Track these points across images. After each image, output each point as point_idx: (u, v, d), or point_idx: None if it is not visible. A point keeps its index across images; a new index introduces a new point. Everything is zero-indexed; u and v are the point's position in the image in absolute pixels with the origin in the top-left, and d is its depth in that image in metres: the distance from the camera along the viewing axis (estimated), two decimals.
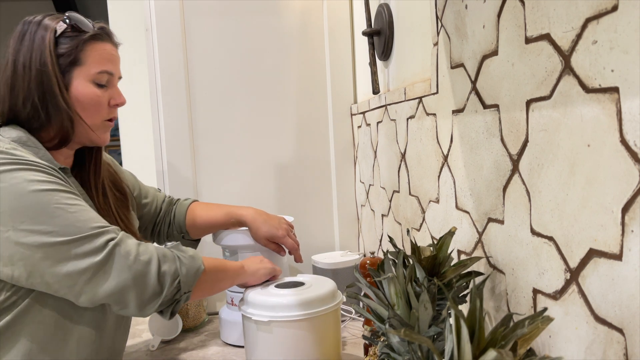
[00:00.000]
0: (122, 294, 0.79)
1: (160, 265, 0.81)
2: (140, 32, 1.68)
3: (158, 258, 0.81)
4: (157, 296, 0.80)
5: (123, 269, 0.78)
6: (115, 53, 0.92)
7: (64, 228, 0.76)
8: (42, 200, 0.76)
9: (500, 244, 0.72)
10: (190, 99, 1.41)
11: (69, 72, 0.86)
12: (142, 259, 0.79)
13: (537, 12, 0.59)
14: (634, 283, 0.47)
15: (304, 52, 1.49)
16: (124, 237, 0.80)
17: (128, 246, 0.79)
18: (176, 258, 0.84)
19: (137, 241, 0.82)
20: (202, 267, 0.86)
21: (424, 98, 0.97)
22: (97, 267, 0.77)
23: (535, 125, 0.61)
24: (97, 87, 0.88)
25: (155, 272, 0.80)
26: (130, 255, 0.79)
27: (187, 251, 0.88)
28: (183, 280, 0.83)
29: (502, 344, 0.48)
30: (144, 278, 0.79)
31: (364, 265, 1.14)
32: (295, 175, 1.50)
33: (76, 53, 0.86)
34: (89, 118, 0.88)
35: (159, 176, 1.42)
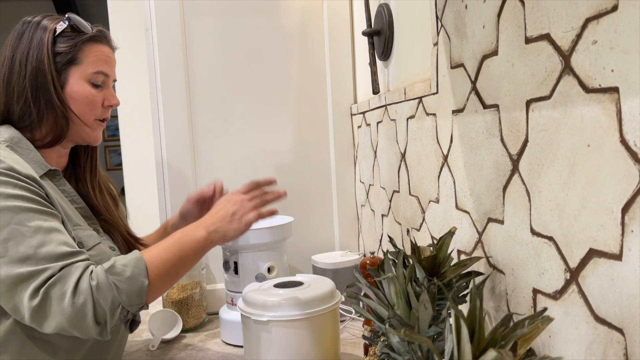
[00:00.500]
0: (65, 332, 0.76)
1: (96, 304, 0.75)
2: (140, 32, 1.68)
3: (93, 297, 0.75)
4: (102, 330, 0.77)
5: (57, 314, 0.74)
6: (111, 56, 0.94)
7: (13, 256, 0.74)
8: (8, 220, 0.75)
9: (500, 244, 0.72)
10: (190, 99, 1.41)
11: (66, 71, 0.87)
12: (76, 301, 0.74)
13: (537, 12, 0.59)
14: (634, 283, 0.47)
15: (304, 52, 1.49)
16: (63, 275, 0.75)
17: (64, 285, 0.74)
18: (112, 286, 0.77)
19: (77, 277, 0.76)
20: (144, 284, 0.79)
21: (424, 98, 0.97)
22: (35, 312, 0.74)
23: (535, 125, 0.61)
24: (92, 87, 0.90)
25: (92, 312, 0.75)
26: (65, 297, 0.74)
27: (124, 270, 0.79)
28: (127, 305, 0.78)
29: (502, 344, 0.48)
30: (80, 321, 0.75)
31: (364, 265, 1.14)
32: (295, 175, 1.50)
33: (74, 52, 0.87)
34: (83, 116, 0.90)
35: (159, 176, 1.42)
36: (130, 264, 0.80)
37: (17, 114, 0.86)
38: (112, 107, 0.94)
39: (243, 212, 0.88)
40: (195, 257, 0.86)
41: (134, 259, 0.81)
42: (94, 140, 0.94)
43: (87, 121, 0.90)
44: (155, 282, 0.81)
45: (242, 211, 0.88)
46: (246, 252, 1.18)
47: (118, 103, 0.94)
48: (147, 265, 0.80)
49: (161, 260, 0.82)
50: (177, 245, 0.85)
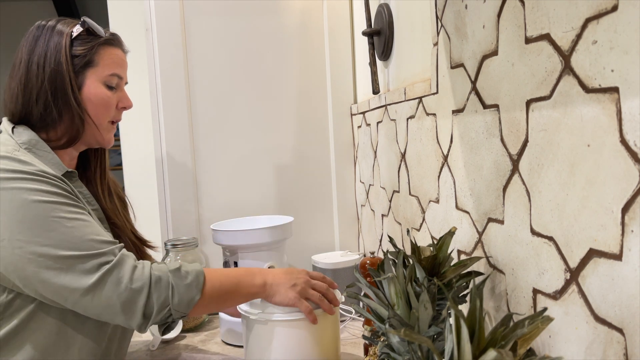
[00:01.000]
0: (110, 316, 0.79)
1: (150, 295, 0.79)
2: (140, 32, 1.68)
3: (150, 286, 0.79)
4: (144, 322, 0.80)
5: (112, 296, 0.77)
6: (124, 59, 0.96)
7: (58, 243, 0.76)
8: (40, 212, 0.76)
9: (500, 244, 0.72)
10: (190, 99, 1.41)
11: (83, 73, 0.89)
12: (133, 287, 0.78)
13: (537, 12, 0.59)
14: (634, 283, 0.47)
15: (304, 52, 1.49)
16: (120, 260, 0.79)
17: (121, 272, 0.78)
18: (170, 286, 0.81)
19: (134, 264, 0.80)
20: (196, 297, 0.83)
21: (424, 98, 0.97)
22: (87, 290, 0.76)
23: (535, 125, 0.61)
24: (108, 88, 0.92)
25: (144, 301, 0.79)
26: (122, 282, 0.78)
27: (186, 277, 0.83)
28: (174, 309, 0.81)
29: (502, 344, 0.48)
30: (131, 306, 0.78)
31: (364, 265, 1.14)
32: (295, 175, 1.50)
33: (91, 55, 0.89)
34: (97, 118, 0.91)
35: (159, 177, 1.42)
36: (192, 274, 0.84)
37: (36, 115, 0.87)
38: (126, 109, 0.96)
39: (300, 293, 0.89)
40: (244, 298, 0.90)
41: (196, 270, 0.85)
42: (107, 142, 0.95)
43: (102, 123, 0.92)
44: (205, 300, 0.84)
45: (300, 292, 0.89)
46: (246, 252, 1.17)
47: (131, 105, 0.96)
48: (205, 282, 0.84)
49: (219, 284, 0.86)
50: (236, 279, 0.89)
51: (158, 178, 1.41)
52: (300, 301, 0.88)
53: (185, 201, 1.42)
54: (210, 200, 1.44)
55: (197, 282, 0.84)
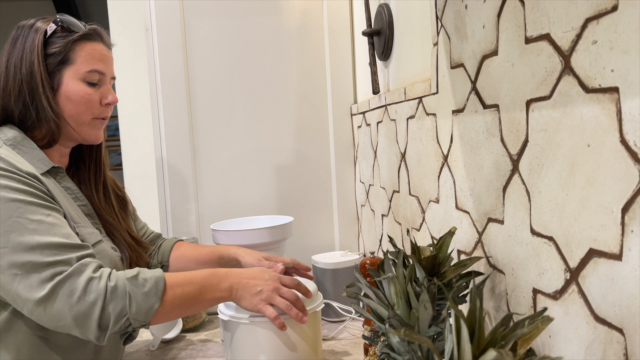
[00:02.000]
0: (64, 329, 0.77)
1: (105, 306, 0.76)
2: (140, 32, 1.68)
3: (105, 298, 0.75)
4: (100, 334, 0.77)
5: (63, 309, 0.74)
6: (106, 53, 0.92)
7: (16, 246, 0.74)
8: (3, 211, 0.75)
9: (500, 244, 0.72)
10: (190, 99, 1.41)
11: (60, 71, 0.87)
12: (86, 299, 0.75)
13: (537, 12, 0.59)
14: (634, 283, 0.47)
15: (304, 52, 1.49)
16: (76, 270, 0.75)
17: (75, 283, 0.75)
18: (127, 295, 0.77)
19: (90, 275, 0.76)
20: (155, 305, 0.79)
21: (424, 98, 0.97)
22: (39, 302, 0.74)
23: (535, 125, 0.61)
24: (88, 85, 0.89)
25: (98, 314, 0.75)
26: (74, 294, 0.74)
27: (144, 284, 0.79)
28: (133, 318, 0.78)
29: (502, 344, 0.48)
30: (85, 319, 0.75)
31: (364, 265, 1.14)
32: (295, 175, 1.50)
33: (66, 52, 0.87)
34: (79, 116, 0.89)
35: (159, 177, 1.42)
36: (151, 281, 0.80)
37: (17, 116, 0.87)
38: (110, 104, 0.93)
39: (267, 298, 0.86)
40: (209, 304, 0.87)
41: (155, 277, 0.81)
42: (94, 139, 0.93)
43: (84, 120, 0.90)
44: (165, 308, 0.81)
45: (267, 298, 0.86)
46: None
47: (116, 100, 0.93)
48: (165, 289, 0.81)
49: (180, 291, 0.83)
50: (200, 285, 0.85)
51: (158, 178, 1.41)
52: (265, 307, 0.86)
53: (185, 201, 1.42)
54: (211, 200, 1.44)
55: (156, 290, 0.80)
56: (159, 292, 0.80)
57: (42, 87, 0.85)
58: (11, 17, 4.30)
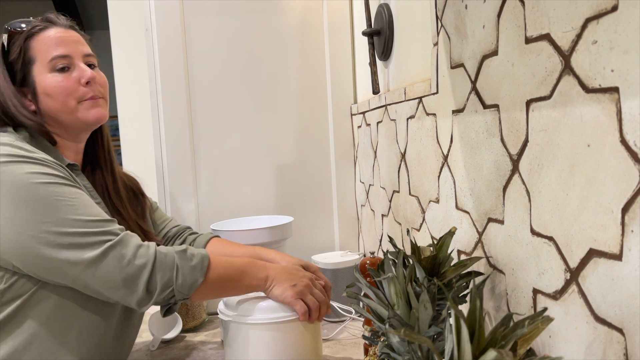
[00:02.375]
0: (112, 292, 0.79)
1: (153, 273, 0.79)
2: (140, 33, 1.68)
3: (153, 264, 0.80)
4: (145, 300, 0.80)
5: (114, 271, 0.77)
6: (63, 34, 0.90)
7: (61, 219, 0.77)
8: (42, 192, 0.77)
9: (500, 244, 0.72)
10: (190, 99, 1.41)
11: (29, 73, 0.88)
12: (136, 262, 0.78)
13: (537, 12, 0.59)
14: (634, 283, 0.47)
15: (304, 52, 1.49)
16: (124, 238, 0.79)
17: (125, 248, 0.78)
18: (175, 267, 0.81)
19: (139, 243, 0.81)
20: (199, 280, 0.83)
21: (424, 98, 0.97)
22: (89, 263, 0.77)
23: (535, 125, 0.61)
24: (60, 73, 0.88)
25: (146, 279, 0.79)
26: (125, 258, 0.78)
27: (192, 259, 0.83)
28: (177, 290, 0.81)
29: (502, 344, 0.48)
30: (133, 282, 0.78)
31: (364, 265, 1.14)
32: (295, 175, 1.50)
33: (24, 53, 0.87)
34: (64, 106, 0.88)
35: (159, 176, 1.42)
36: (198, 257, 0.84)
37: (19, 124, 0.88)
38: (90, 82, 0.90)
39: (299, 293, 0.89)
40: (245, 289, 0.90)
41: (202, 254, 0.85)
42: (93, 119, 0.91)
43: (71, 107, 0.89)
44: (207, 285, 0.84)
45: (299, 294, 0.89)
46: None
47: (93, 76, 0.90)
48: (209, 267, 0.85)
49: (223, 271, 0.87)
50: (241, 270, 0.89)
51: (158, 178, 1.41)
52: (297, 300, 0.88)
53: (185, 201, 1.42)
54: (211, 200, 1.44)
55: (202, 266, 0.84)
56: (204, 268, 0.84)
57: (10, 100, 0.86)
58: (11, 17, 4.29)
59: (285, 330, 0.89)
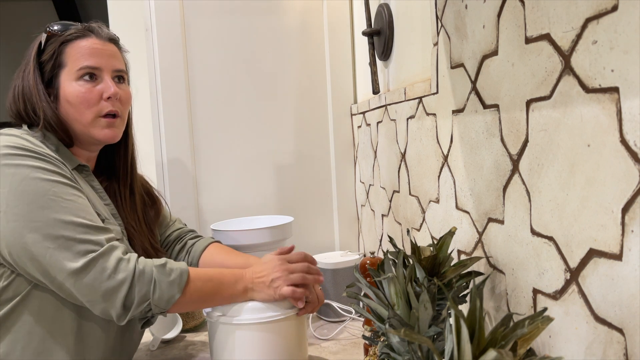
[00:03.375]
0: (91, 303, 0.80)
1: (132, 287, 0.80)
2: (140, 32, 1.68)
3: (132, 279, 0.80)
4: (123, 313, 0.80)
5: (94, 283, 0.78)
6: (99, 46, 0.90)
7: (51, 220, 0.77)
8: (39, 188, 0.78)
9: (500, 244, 0.72)
10: (190, 99, 1.41)
11: (57, 77, 0.89)
12: (116, 277, 0.79)
13: (537, 12, 0.59)
14: (634, 283, 0.47)
15: (304, 52, 1.49)
16: (107, 250, 0.79)
17: (107, 261, 0.79)
18: (152, 281, 0.81)
19: (120, 256, 0.80)
20: (176, 296, 0.83)
21: (424, 98, 0.97)
22: (73, 273, 0.77)
23: (535, 125, 0.61)
24: (85, 83, 0.88)
25: (125, 293, 0.79)
26: (106, 271, 0.78)
27: (170, 274, 0.83)
28: (154, 304, 0.81)
29: (502, 344, 0.48)
30: (112, 296, 0.79)
31: (364, 265, 1.14)
32: (295, 175, 1.50)
33: (56, 57, 0.88)
34: (82, 115, 0.88)
35: (159, 176, 1.42)
36: (176, 272, 0.84)
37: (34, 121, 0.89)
38: (111, 98, 0.90)
39: (282, 282, 0.90)
40: (227, 300, 0.91)
41: (180, 269, 0.85)
42: (104, 137, 0.91)
43: (88, 120, 0.89)
44: (185, 299, 0.85)
45: (281, 281, 0.90)
46: (246, 252, 1.17)
47: (116, 93, 0.90)
48: (188, 281, 0.85)
49: (201, 285, 0.87)
50: (218, 283, 0.89)
51: (158, 178, 1.41)
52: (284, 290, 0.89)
53: (185, 201, 1.42)
54: (210, 201, 1.44)
55: (180, 281, 0.84)
56: (182, 283, 0.84)
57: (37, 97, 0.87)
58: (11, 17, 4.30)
59: (271, 330, 0.89)
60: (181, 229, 1.14)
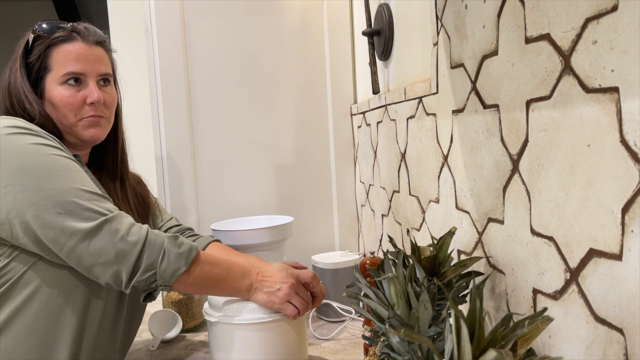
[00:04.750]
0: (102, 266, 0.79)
1: (143, 252, 0.80)
2: (140, 32, 1.69)
3: (144, 243, 0.80)
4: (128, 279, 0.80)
5: (107, 245, 0.78)
6: (85, 52, 0.90)
7: (61, 187, 0.78)
8: (43, 160, 0.79)
9: (500, 244, 0.72)
10: (190, 99, 1.41)
11: (42, 79, 0.89)
12: (129, 239, 0.79)
13: (537, 12, 0.59)
14: (634, 283, 0.47)
15: (304, 52, 1.49)
16: (119, 215, 0.81)
17: (119, 224, 0.80)
18: (162, 250, 0.82)
19: (132, 222, 0.82)
20: (182, 269, 0.83)
21: (424, 98, 0.97)
22: (85, 235, 0.78)
23: (535, 125, 0.61)
24: (69, 87, 0.89)
25: (136, 255, 0.80)
26: (119, 232, 0.79)
27: (180, 246, 0.83)
28: (160, 274, 0.81)
29: (502, 344, 0.48)
30: (125, 257, 0.79)
31: (364, 265, 1.14)
32: (295, 175, 1.50)
33: (42, 60, 0.89)
34: (65, 118, 0.90)
35: (159, 177, 1.42)
36: (187, 246, 0.84)
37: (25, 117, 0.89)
38: (95, 103, 0.90)
39: (285, 297, 0.89)
40: (229, 292, 0.90)
41: (191, 245, 0.85)
42: (88, 138, 0.92)
43: (71, 122, 0.90)
44: (190, 277, 0.84)
45: (285, 297, 0.89)
46: (246, 252, 1.17)
47: (99, 98, 0.90)
48: (196, 259, 0.85)
49: (208, 268, 0.87)
50: (226, 272, 0.89)
51: (158, 178, 1.41)
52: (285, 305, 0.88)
53: (185, 201, 1.42)
54: (210, 200, 1.44)
55: (189, 255, 0.84)
56: (189, 258, 0.84)
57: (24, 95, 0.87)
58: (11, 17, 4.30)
59: (271, 330, 0.89)
60: (179, 226, 1.14)
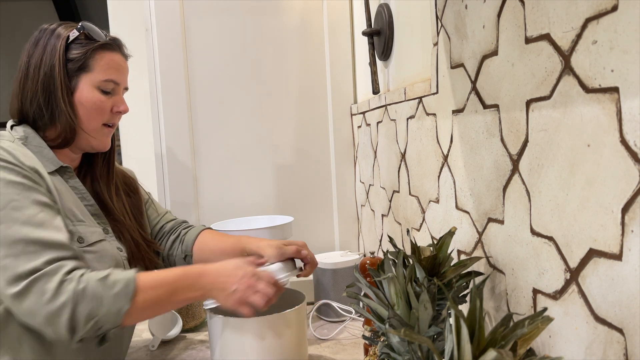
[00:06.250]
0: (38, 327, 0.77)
1: (75, 308, 0.76)
2: (140, 33, 1.68)
3: (74, 300, 0.76)
4: (71, 335, 0.77)
5: (34, 307, 0.75)
6: (123, 64, 0.95)
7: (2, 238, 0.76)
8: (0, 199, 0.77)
9: (500, 244, 0.72)
10: (190, 99, 1.41)
11: (77, 77, 0.90)
12: (57, 300, 0.75)
13: (537, 12, 0.59)
14: (634, 283, 0.47)
15: (304, 52, 1.49)
16: (51, 270, 0.77)
17: (48, 283, 0.76)
18: (96, 297, 0.77)
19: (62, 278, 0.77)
20: (125, 307, 0.78)
21: (424, 98, 0.97)
22: (14, 296, 0.75)
23: (535, 125, 0.61)
24: (102, 93, 0.91)
25: (68, 315, 0.76)
26: (46, 294, 0.75)
27: (114, 286, 0.79)
28: (103, 321, 0.78)
29: (502, 344, 0.48)
30: (55, 320, 0.76)
31: (364, 265, 1.14)
32: (295, 175, 1.50)
33: (85, 59, 0.90)
34: (89, 121, 0.91)
35: (159, 177, 1.42)
36: (121, 283, 0.80)
37: (32, 116, 0.89)
38: (121, 113, 0.95)
39: (241, 300, 0.85)
40: (183, 303, 0.87)
41: (126, 279, 0.81)
42: (103, 146, 0.95)
43: (95, 126, 0.92)
44: (136, 309, 0.80)
45: (241, 299, 0.85)
46: None
47: (127, 110, 0.95)
48: (135, 290, 0.80)
49: (153, 292, 0.82)
50: (172, 287, 0.84)
51: (158, 178, 1.42)
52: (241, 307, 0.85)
53: (185, 201, 1.42)
54: (210, 200, 1.44)
55: (127, 291, 0.79)
56: (129, 294, 0.79)
57: (60, 89, 0.88)
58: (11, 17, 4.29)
59: (271, 330, 0.89)
60: (175, 220, 1.14)
